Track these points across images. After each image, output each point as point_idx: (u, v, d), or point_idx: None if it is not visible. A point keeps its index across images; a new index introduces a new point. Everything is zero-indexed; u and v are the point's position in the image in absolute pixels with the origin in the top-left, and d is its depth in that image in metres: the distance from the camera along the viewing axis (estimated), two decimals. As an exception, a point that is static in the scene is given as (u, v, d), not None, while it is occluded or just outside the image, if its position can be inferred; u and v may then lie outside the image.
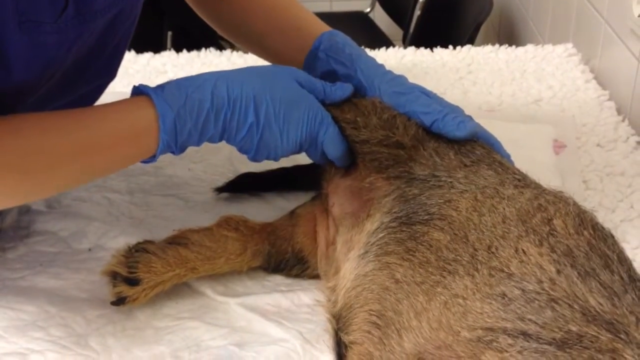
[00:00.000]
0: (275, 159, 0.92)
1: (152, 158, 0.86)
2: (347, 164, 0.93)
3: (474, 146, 0.90)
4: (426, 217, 0.79)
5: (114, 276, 0.87)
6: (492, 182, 0.82)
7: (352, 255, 0.84)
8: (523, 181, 0.84)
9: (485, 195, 0.79)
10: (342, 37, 1.02)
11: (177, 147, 0.85)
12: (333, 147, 0.91)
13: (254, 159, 0.90)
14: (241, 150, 0.90)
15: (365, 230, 0.85)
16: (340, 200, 0.93)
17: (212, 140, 0.88)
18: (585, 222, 0.74)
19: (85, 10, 0.81)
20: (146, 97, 0.84)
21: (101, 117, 0.83)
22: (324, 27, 1.04)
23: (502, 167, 0.87)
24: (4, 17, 0.73)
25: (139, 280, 0.86)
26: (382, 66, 1.00)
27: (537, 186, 0.84)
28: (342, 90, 0.94)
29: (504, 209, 0.77)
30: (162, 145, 0.84)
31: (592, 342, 0.61)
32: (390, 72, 0.99)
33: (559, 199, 0.78)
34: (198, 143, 0.87)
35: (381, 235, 0.81)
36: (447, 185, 0.83)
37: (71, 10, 0.79)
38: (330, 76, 0.99)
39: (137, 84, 0.86)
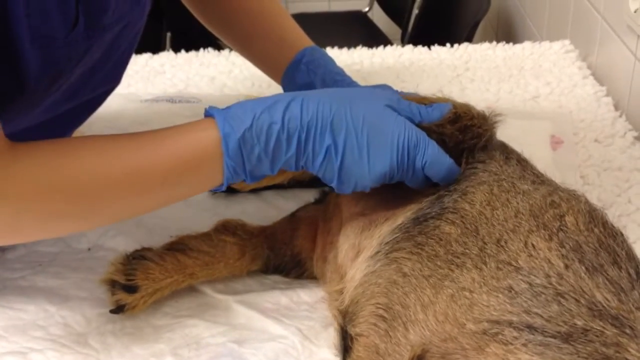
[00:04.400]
0: (365, 189, 0.82)
1: (221, 186, 0.79)
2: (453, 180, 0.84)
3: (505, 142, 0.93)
4: (439, 210, 0.79)
5: (112, 284, 0.87)
6: (514, 175, 0.82)
7: (362, 258, 0.84)
8: (540, 178, 0.85)
9: (502, 188, 0.79)
10: (321, 54, 1.04)
11: (247, 175, 0.78)
12: (437, 168, 0.82)
13: (340, 189, 0.81)
14: (324, 178, 0.81)
15: (377, 234, 0.84)
16: (364, 205, 0.89)
17: (288, 167, 0.79)
18: (596, 219, 0.75)
19: (94, 26, 0.82)
20: (211, 118, 0.77)
21: (161, 138, 0.76)
22: (307, 41, 1.06)
23: (526, 163, 0.89)
24: (17, 33, 0.73)
25: (137, 287, 0.86)
26: (356, 84, 1.02)
27: (553, 184, 0.84)
28: (439, 110, 0.85)
29: (517, 203, 0.77)
30: (227, 171, 0.77)
31: (597, 336, 0.62)
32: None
33: (573, 196, 0.79)
34: (272, 170, 0.79)
35: (396, 235, 0.81)
36: (473, 175, 0.83)
37: (81, 25, 0.79)
38: (309, 88, 1.00)
39: (207, 107, 0.79)
